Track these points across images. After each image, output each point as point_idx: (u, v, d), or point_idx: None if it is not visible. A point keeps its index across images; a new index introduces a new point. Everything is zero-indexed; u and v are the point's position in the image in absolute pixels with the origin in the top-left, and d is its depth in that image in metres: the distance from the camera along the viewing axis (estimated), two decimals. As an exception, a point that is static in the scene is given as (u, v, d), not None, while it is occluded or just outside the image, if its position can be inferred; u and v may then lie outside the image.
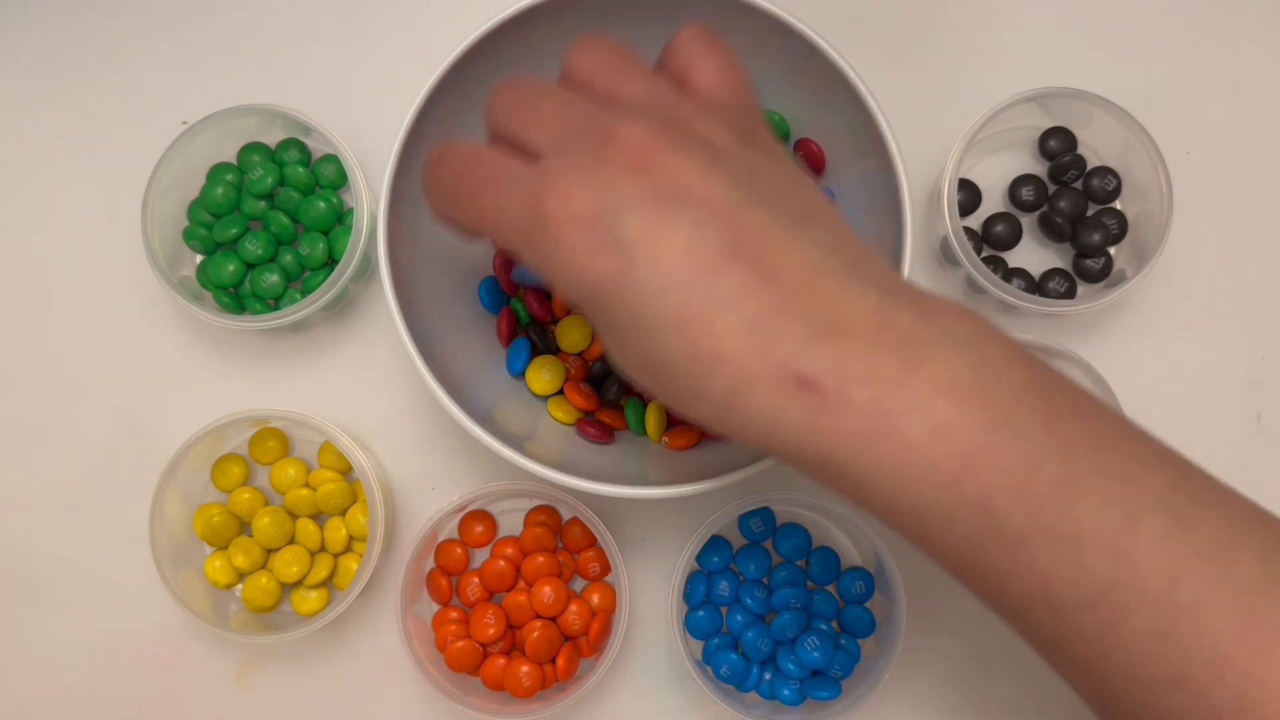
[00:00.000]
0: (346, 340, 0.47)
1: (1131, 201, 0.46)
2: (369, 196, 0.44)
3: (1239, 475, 0.46)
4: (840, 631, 0.44)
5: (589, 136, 0.28)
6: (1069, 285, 0.46)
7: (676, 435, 0.42)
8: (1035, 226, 0.47)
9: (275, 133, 0.47)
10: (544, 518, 0.45)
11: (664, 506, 0.46)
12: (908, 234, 0.37)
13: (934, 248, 0.47)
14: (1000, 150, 0.47)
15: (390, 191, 0.38)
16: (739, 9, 0.38)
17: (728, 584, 0.44)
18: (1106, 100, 0.44)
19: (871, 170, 0.39)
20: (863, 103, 0.37)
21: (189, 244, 0.46)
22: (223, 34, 0.49)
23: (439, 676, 0.43)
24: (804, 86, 0.41)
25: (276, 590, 0.45)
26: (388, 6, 0.49)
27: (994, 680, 0.46)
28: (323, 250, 0.45)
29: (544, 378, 0.43)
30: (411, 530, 0.46)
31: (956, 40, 0.48)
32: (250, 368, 0.47)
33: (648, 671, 0.46)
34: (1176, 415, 0.46)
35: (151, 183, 0.44)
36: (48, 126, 0.49)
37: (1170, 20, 0.48)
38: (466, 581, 0.44)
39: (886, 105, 0.37)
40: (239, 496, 0.45)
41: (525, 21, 0.38)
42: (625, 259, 0.27)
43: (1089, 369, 0.43)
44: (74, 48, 0.49)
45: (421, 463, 0.47)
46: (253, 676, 0.46)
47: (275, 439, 0.46)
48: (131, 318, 0.48)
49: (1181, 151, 0.46)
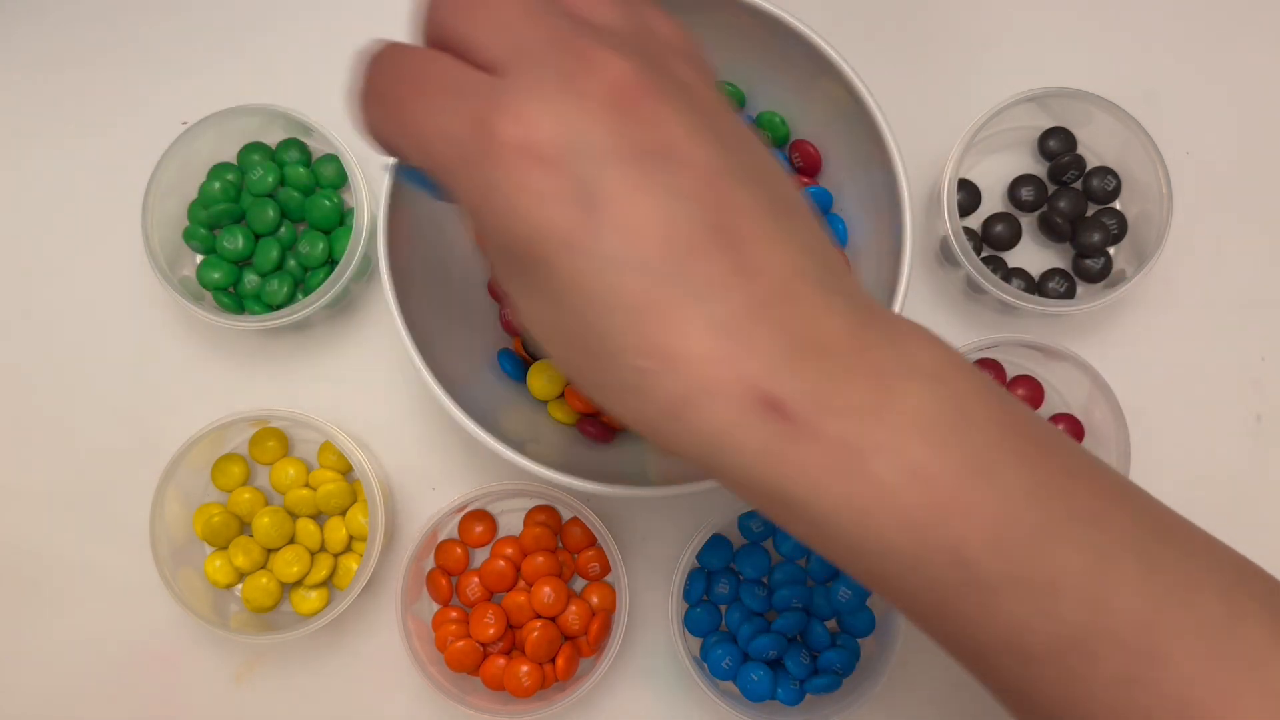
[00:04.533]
0: (346, 340, 0.47)
1: (1131, 201, 0.46)
2: (369, 196, 0.44)
3: (1239, 475, 0.47)
4: (840, 631, 0.44)
5: (559, 53, 0.23)
6: (1069, 285, 0.46)
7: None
8: (1035, 226, 0.47)
9: (275, 133, 0.47)
10: (544, 518, 0.45)
11: (664, 506, 0.46)
12: (907, 234, 0.37)
13: (934, 248, 0.47)
14: (1000, 150, 0.47)
15: (390, 191, 0.38)
16: (739, 9, 0.38)
17: (727, 583, 0.44)
18: (1106, 100, 0.44)
19: (871, 170, 0.39)
20: (862, 103, 0.37)
21: (189, 244, 0.46)
22: (223, 34, 0.49)
23: (439, 676, 0.43)
24: (803, 86, 0.41)
25: (276, 590, 0.45)
26: (388, 6, 0.49)
27: (994, 680, 0.46)
28: (323, 250, 0.45)
29: (545, 382, 0.43)
30: (411, 530, 0.46)
31: (956, 40, 0.48)
32: (250, 368, 0.47)
33: (648, 671, 0.46)
34: (1176, 415, 0.46)
35: (151, 183, 0.44)
36: (48, 126, 0.49)
37: (1170, 21, 0.48)
38: (466, 581, 0.44)
39: (886, 105, 0.37)
40: (239, 496, 0.45)
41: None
42: (589, 216, 0.22)
43: (1089, 369, 0.43)
44: (74, 48, 0.49)
45: (421, 463, 0.47)
46: (253, 676, 0.46)
47: (275, 439, 0.46)
48: (131, 318, 0.48)
49: (1181, 151, 0.46)
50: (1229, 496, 0.46)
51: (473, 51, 0.24)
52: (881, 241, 0.39)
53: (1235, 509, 0.46)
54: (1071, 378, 0.45)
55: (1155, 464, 0.45)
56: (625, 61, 0.23)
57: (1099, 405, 0.44)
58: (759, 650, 0.43)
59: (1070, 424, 0.45)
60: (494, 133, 0.22)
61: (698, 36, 0.28)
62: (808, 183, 0.43)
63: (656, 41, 0.25)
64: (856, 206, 0.42)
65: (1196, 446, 0.46)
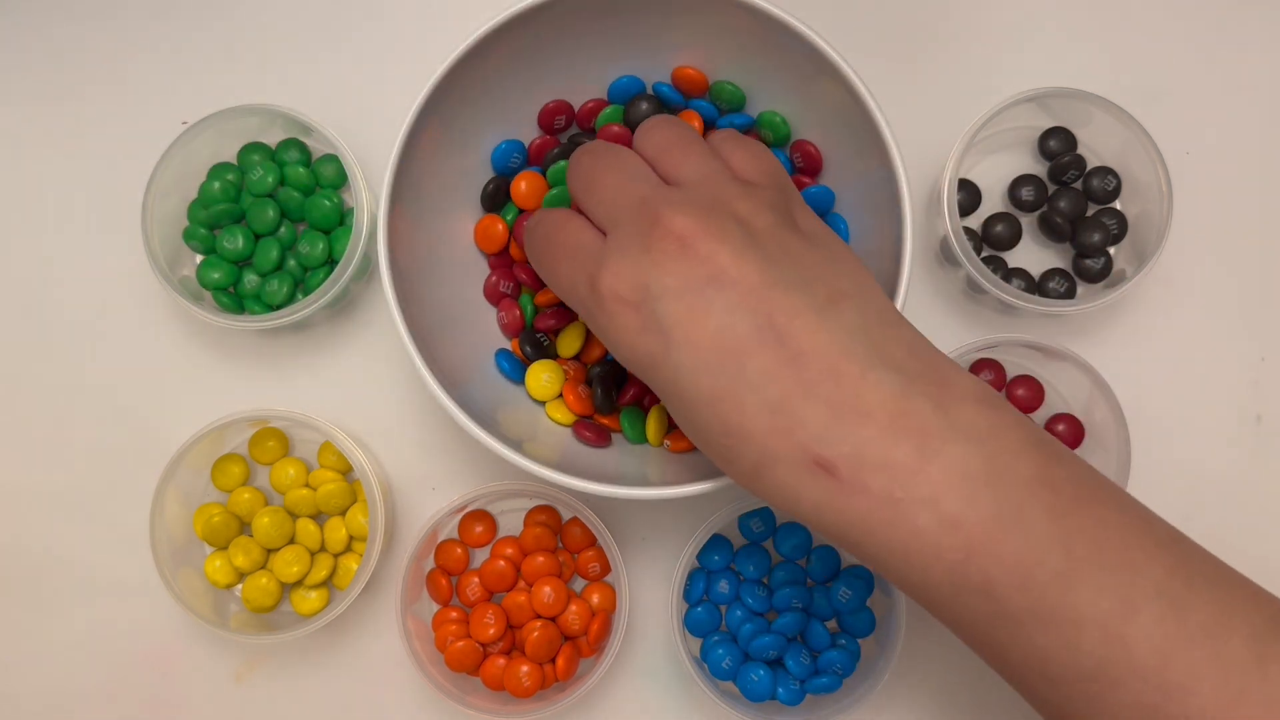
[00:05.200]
0: (346, 340, 0.47)
1: (1131, 201, 0.46)
2: (369, 196, 0.44)
3: (1239, 475, 0.47)
4: (840, 631, 0.44)
5: (640, 219, 0.31)
6: (1069, 285, 0.46)
7: (679, 437, 0.42)
8: (1035, 226, 0.47)
9: (275, 133, 0.47)
10: (544, 518, 0.45)
11: (664, 506, 0.46)
12: (907, 234, 0.37)
13: (934, 248, 0.47)
14: (1000, 150, 0.47)
15: (390, 191, 0.38)
16: (739, 9, 0.38)
17: (728, 583, 0.44)
18: (1106, 100, 0.44)
19: (871, 170, 0.39)
20: (862, 103, 0.37)
21: (189, 244, 0.46)
22: (223, 34, 0.49)
23: (439, 676, 0.43)
24: (804, 87, 0.41)
25: (276, 590, 0.45)
26: (388, 6, 0.49)
27: (993, 679, 0.45)
28: (323, 250, 0.45)
29: (543, 382, 0.43)
30: (411, 530, 0.46)
31: (956, 40, 0.48)
32: (250, 368, 0.47)
33: (648, 671, 0.46)
34: (1176, 415, 0.46)
35: (151, 183, 0.44)
36: (48, 126, 0.49)
37: (1170, 20, 0.48)
38: (466, 581, 0.44)
39: (886, 105, 0.37)
40: (239, 496, 0.45)
41: (525, 21, 0.38)
42: (665, 340, 0.30)
43: (1089, 369, 0.43)
44: (74, 48, 0.49)
45: (421, 463, 0.47)
46: (253, 676, 0.46)
47: (275, 439, 0.46)
48: (131, 318, 0.48)
49: (1181, 151, 0.46)
50: (1229, 496, 0.46)
51: (592, 218, 0.33)
52: (881, 241, 0.39)
53: (1235, 509, 0.46)
54: (1071, 378, 0.45)
55: (1155, 464, 0.45)
56: (686, 215, 0.30)
57: (1099, 405, 0.44)
58: (759, 650, 0.43)
59: (1070, 424, 0.45)
60: (599, 288, 0.31)
61: (772, 161, 0.35)
62: (808, 183, 0.43)
63: (725, 186, 0.32)
64: (857, 206, 0.42)
65: (1196, 446, 0.46)
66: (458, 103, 0.40)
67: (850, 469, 0.28)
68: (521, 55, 0.40)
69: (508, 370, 0.43)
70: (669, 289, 0.29)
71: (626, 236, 0.31)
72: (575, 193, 0.34)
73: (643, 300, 0.30)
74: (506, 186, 0.44)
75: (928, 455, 0.28)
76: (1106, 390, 0.43)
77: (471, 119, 0.41)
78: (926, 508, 0.28)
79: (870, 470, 0.28)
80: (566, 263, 0.33)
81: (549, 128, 0.44)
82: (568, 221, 0.34)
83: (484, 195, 0.44)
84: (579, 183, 0.34)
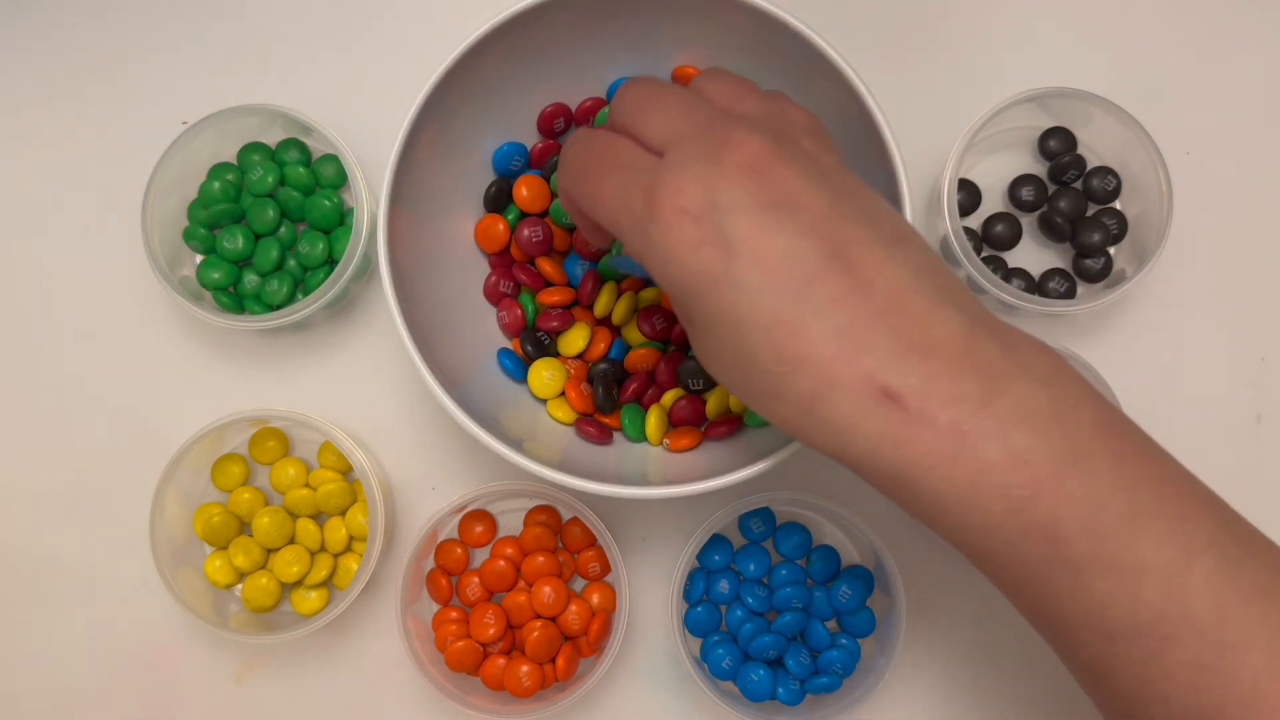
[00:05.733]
0: (346, 340, 0.47)
1: (1131, 201, 0.46)
2: (369, 196, 0.44)
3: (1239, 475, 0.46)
4: (840, 631, 0.44)
5: (708, 137, 0.30)
6: (1069, 285, 0.46)
7: (678, 436, 0.42)
8: (1035, 226, 0.47)
9: (275, 133, 0.47)
10: (544, 518, 0.45)
11: (664, 506, 0.46)
12: (908, 234, 0.37)
13: (934, 247, 0.47)
14: (1000, 150, 0.47)
15: (390, 191, 0.38)
16: (739, 9, 0.38)
17: (728, 583, 0.44)
18: (1106, 100, 0.44)
19: (871, 170, 0.39)
20: (862, 103, 0.37)
21: (189, 244, 0.46)
22: (223, 34, 0.49)
23: (439, 676, 0.43)
24: (803, 86, 0.40)
25: (276, 590, 0.45)
26: (388, 6, 0.49)
27: (993, 679, 0.46)
28: (323, 250, 0.45)
29: (546, 380, 0.43)
30: (411, 530, 0.46)
31: (956, 40, 0.48)
32: (250, 368, 0.47)
33: (648, 671, 0.46)
34: (1176, 415, 0.46)
35: (151, 183, 0.44)
36: (48, 126, 0.49)
37: (1170, 21, 0.48)
38: (466, 581, 0.44)
39: (886, 105, 0.37)
40: (239, 496, 0.45)
41: (525, 22, 0.38)
42: (728, 255, 0.28)
43: (1089, 369, 0.43)
44: (74, 48, 0.49)
45: (421, 463, 0.47)
46: (253, 676, 0.46)
47: (275, 439, 0.46)
48: (131, 318, 0.48)
49: (1181, 151, 0.46)
50: (1229, 496, 0.45)
51: (645, 139, 0.31)
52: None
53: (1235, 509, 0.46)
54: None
55: (1155, 464, 0.45)
56: (758, 137, 0.29)
57: (1099, 405, 0.44)
58: (759, 650, 0.43)
59: (1070, 424, 0.45)
60: (657, 200, 0.29)
61: (823, 124, 0.34)
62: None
63: (788, 123, 0.31)
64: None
65: (1196, 446, 0.46)
66: (458, 103, 0.40)
67: (917, 400, 0.27)
68: (521, 55, 0.41)
69: (510, 368, 0.43)
70: (739, 203, 0.28)
71: (691, 152, 0.29)
72: (625, 117, 0.32)
73: (707, 212, 0.28)
74: (508, 188, 0.44)
75: (996, 391, 0.28)
76: (1106, 390, 0.43)
77: (471, 119, 0.41)
78: (994, 441, 0.27)
79: (938, 402, 0.27)
80: (616, 176, 0.31)
81: (549, 131, 0.44)
82: (616, 141, 0.32)
83: (486, 197, 0.44)
84: (631, 106, 0.32)
